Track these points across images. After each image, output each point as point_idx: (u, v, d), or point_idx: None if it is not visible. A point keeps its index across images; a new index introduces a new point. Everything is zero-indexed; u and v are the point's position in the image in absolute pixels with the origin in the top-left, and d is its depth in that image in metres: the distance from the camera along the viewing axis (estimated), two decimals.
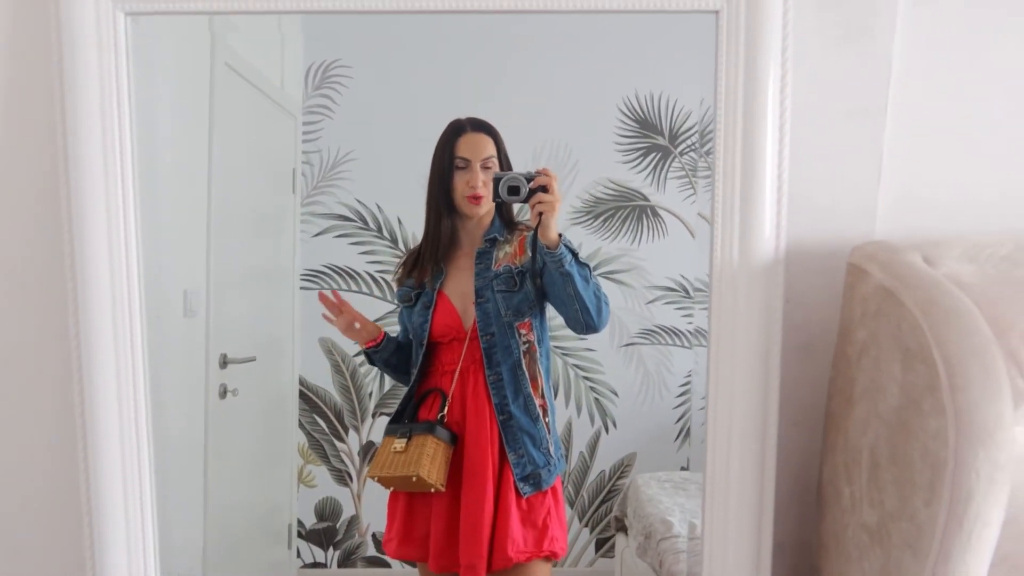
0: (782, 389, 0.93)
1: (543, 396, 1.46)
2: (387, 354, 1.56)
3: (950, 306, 0.72)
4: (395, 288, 1.59)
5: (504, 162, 1.53)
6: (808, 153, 0.90)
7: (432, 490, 1.37)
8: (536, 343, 1.46)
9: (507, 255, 1.46)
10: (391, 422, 1.50)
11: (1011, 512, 0.69)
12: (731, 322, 0.89)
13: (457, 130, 1.54)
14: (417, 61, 2.67)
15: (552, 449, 1.46)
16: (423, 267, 1.50)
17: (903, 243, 0.84)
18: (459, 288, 1.47)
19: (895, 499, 0.75)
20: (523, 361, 1.43)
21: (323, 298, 1.56)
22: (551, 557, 1.45)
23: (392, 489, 1.48)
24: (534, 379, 1.45)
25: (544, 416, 1.45)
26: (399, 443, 1.40)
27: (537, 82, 2.63)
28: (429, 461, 1.35)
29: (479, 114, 2.09)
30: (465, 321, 1.46)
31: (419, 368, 1.48)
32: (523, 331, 1.44)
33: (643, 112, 2.65)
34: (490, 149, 1.49)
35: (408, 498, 1.48)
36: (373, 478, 1.44)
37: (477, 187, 1.45)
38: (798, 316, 0.94)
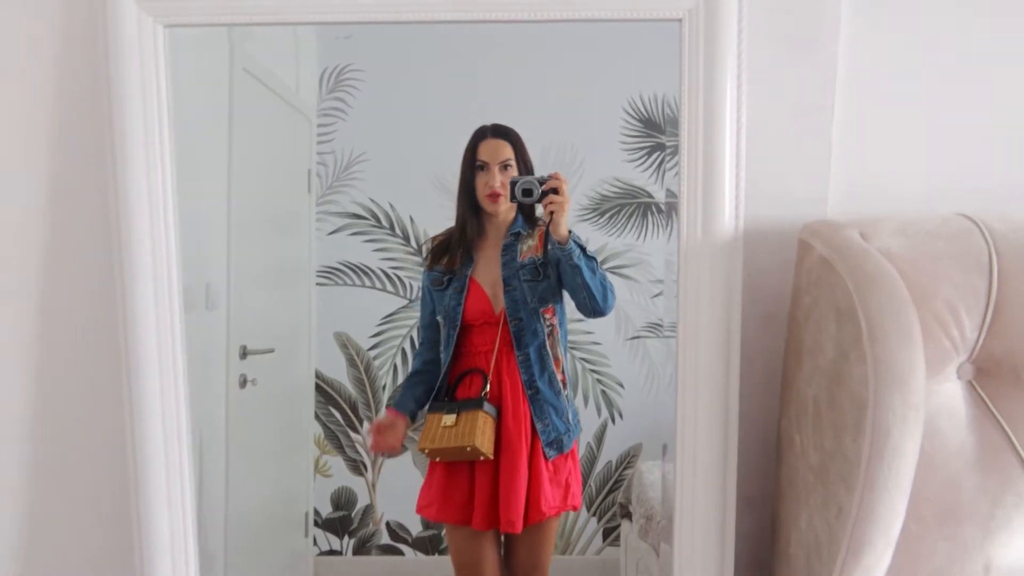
0: (745, 355, 1.07)
1: (563, 372, 1.71)
2: (427, 323, 1.83)
3: (873, 272, 0.85)
4: (425, 270, 1.75)
5: (523, 163, 1.75)
6: (763, 145, 1.03)
7: (481, 458, 1.59)
8: (558, 326, 1.70)
9: (530, 248, 1.68)
10: (433, 401, 1.71)
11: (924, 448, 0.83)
12: (696, 294, 1.03)
13: (479, 136, 1.79)
14: (427, 65, 2.81)
15: (571, 417, 1.70)
16: (453, 254, 1.70)
17: (845, 222, 0.98)
18: (488, 276, 1.69)
19: (832, 440, 0.89)
20: (547, 342, 1.66)
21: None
22: (573, 509, 1.74)
23: (438, 460, 1.68)
24: (556, 358, 1.68)
25: (564, 389, 1.70)
26: (448, 418, 1.61)
27: (544, 85, 2.76)
28: (480, 433, 1.56)
29: (487, 116, 2.25)
30: (495, 306, 1.67)
31: (453, 350, 1.68)
32: (547, 316, 1.67)
33: (647, 112, 2.76)
34: (507, 152, 1.74)
35: (446, 468, 1.68)
36: (423, 451, 1.65)
37: (494, 186, 1.68)
38: (758, 290, 1.08)
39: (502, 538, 1.75)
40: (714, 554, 1.09)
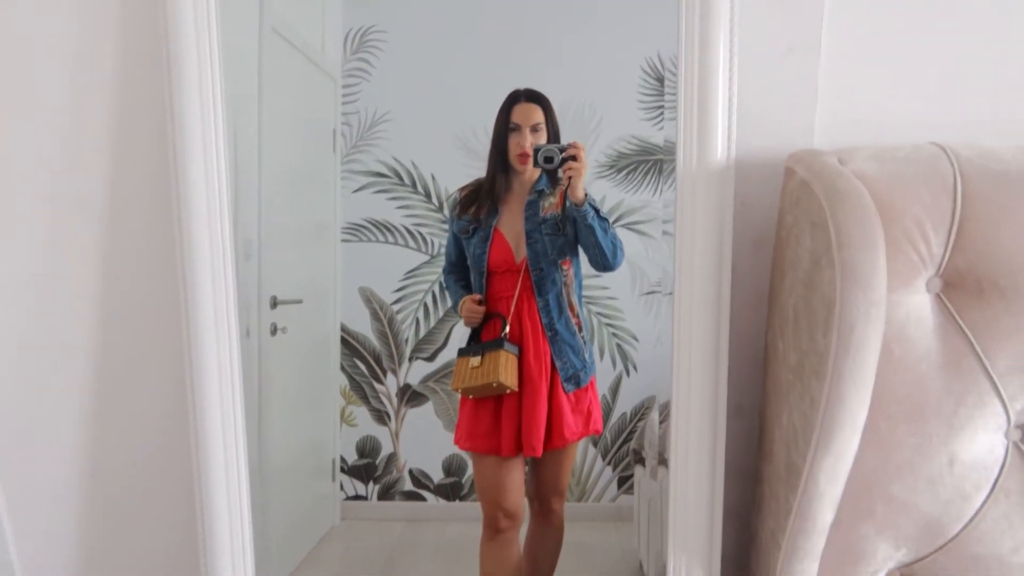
0: (736, 277, 1.18)
1: (578, 316, 1.86)
2: (452, 261, 1.97)
3: (843, 188, 0.96)
4: (455, 219, 1.92)
5: (553, 127, 1.90)
6: (754, 82, 1.14)
7: (507, 391, 1.76)
8: (573, 276, 1.85)
9: (552, 204, 1.82)
10: (463, 348, 1.87)
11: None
12: (691, 219, 1.15)
13: (513, 99, 1.91)
14: (448, 26, 2.91)
15: (587, 356, 1.87)
16: (481, 205, 1.85)
17: (827, 150, 1.09)
18: (512, 228, 1.84)
19: (806, 339, 1.01)
20: (564, 290, 1.82)
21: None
22: (595, 434, 1.94)
23: (471, 397, 1.85)
24: (572, 304, 1.84)
25: (580, 331, 1.86)
26: (475, 360, 1.79)
27: (564, 45, 2.86)
28: (504, 369, 1.74)
29: (506, 74, 2.37)
30: (516, 255, 1.82)
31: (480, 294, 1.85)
32: (564, 267, 1.83)
33: (664, 71, 2.83)
34: (538, 116, 1.87)
35: (474, 404, 1.85)
36: (456, 390, 1.83)
37: (525, 147, 1.82)
38: (750, 216, 1.19)
39: (526, 466, 1.92)
40: (706, 459, 1.22)
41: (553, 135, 1.88)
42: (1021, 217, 0.99)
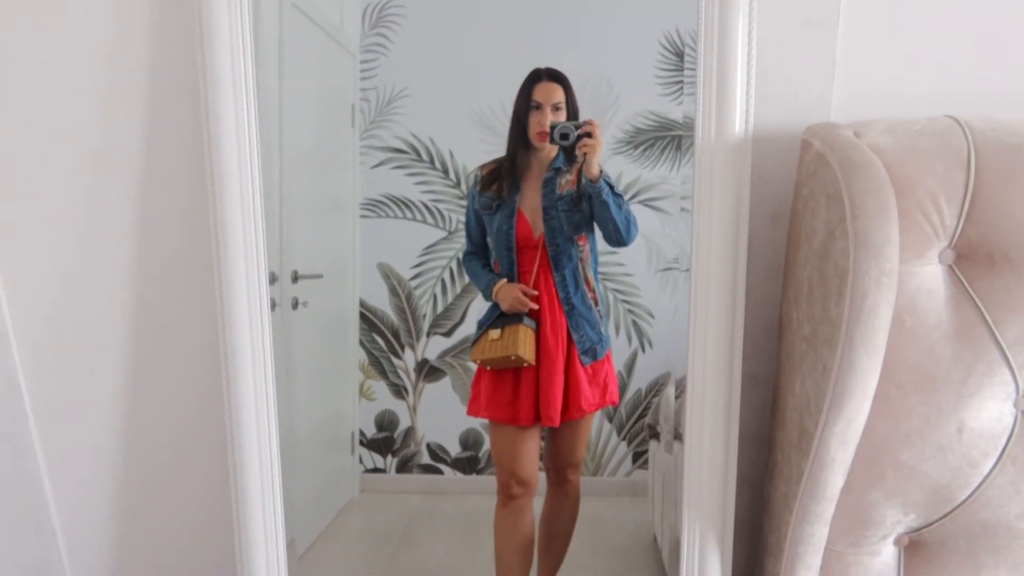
0: (753, 249, 1.22)
1: (594, 291, 1.94)
2: (476, 240, 2.06)
3: (858, 160, 0.99)
4: (476, 196, 2.01)
5: (572, 106, 1.97)
6: (772, 56, 1.17)
7: (525, 364, 1.84)
8: (589, 252, 1.93)
9: (568, 182, 1.89)
10: (483, 322, 1.97)
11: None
12: (709, 192, 1.18)
13: (534, 78, 1.99)
14: (465, 1, 2.93)
15: (603, 330, 1.95)
16: (502, 183, 1.93)
17: (843, 124, 1.12)
18: (530, 204, 1.91)
19: (820, 309, 1.05)
20: (580, 266, 1.90)
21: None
22: (612, 405, 2.06)
23: (489, 368, 1.93)
24: (587, 279, 1.93)
25: (596, 306, 1.93)
26: (495, 333, 1.88)
27: (582, 19, 2.87)
28: (523, 342, 1.83)
29: (524, 50, 2.39)
30: (535, 231, 1.89)
31: (513, 274, 1.92)
32: (580, 243, 1.90)
33: (682, 46, 2.84)
34: (559, 95, 1.95)
35: (492, 375, 1.92)
36: (475, 361, 1.92)
37: (545, 125, 1.88)
38: (767, 190, 1.23)
39: (542, 438, 2.00)
40: (720, 428, 1.26)
41: (573, 114, 1.93)
42: None
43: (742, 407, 1.25)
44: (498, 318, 1.91)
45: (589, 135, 1.76)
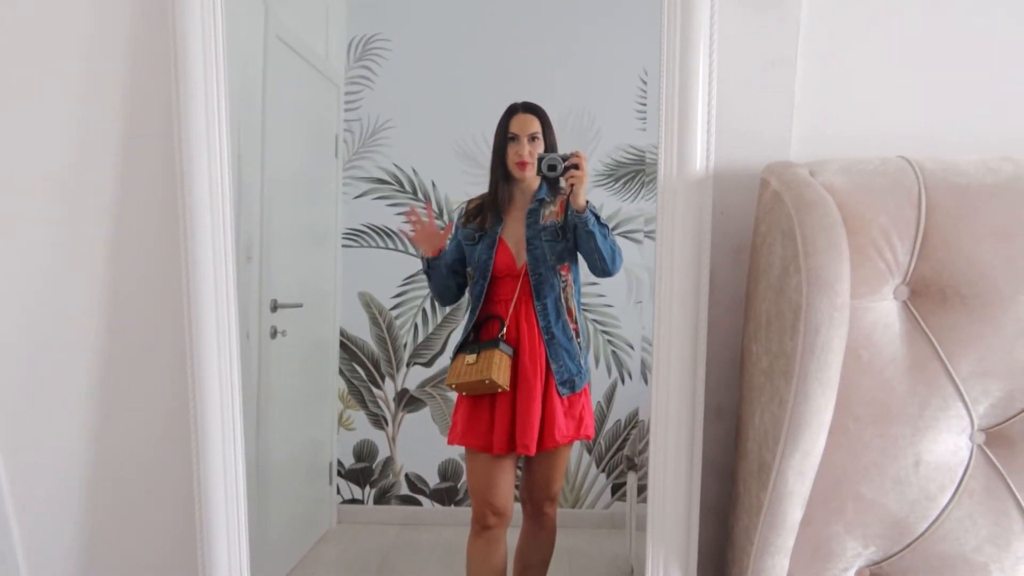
0: (715, 284, 1.25)
1: (576, 322, 1.93)
2: (447, 261, 1.99)
3: (811, 198, 1.02)
4: (460, 227, 2.00)
5: (549, 138, 1.99)
6: (732, 96, 1.21)
7: (499, 390, 1.84)
8: (572, 282, 1.93)
9: (552, 212, 1.91)
10: (459, 345, 1.95)
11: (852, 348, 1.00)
12: (671, 226, 1.21)
13: (511, 111, 2.01)
14: (450, 36, 2.99)
15: (582, 362, 1.95)
16: (485, 216, 1.95)
17: (800, 162, 1.16)
18: (513, 235, 1.93)
19: (777, 343, 1.07)
20: (562, 295, 1.90)
21: (412, 212, 2.02)
22: (586, 439, 2.01)
23: (464, 394, 1.92)
24: (570, 309, 1.92)
25: (576, 337, 1.93)
26: (470, 357, 1.88)
27: (564, 55, 2.94)
28: (497, 367, 1.82)
29: (507, 84, 2.44)
30: (518, 261, 1.91)
31: (481, 299, 1.92)
32: (563, 272, 1.91)
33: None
34: (535, 126, 1.97)
35: (471, 401, 1.92)
36: (450, 386, 1.90)
37: (523, 155, 1.93)
38: (730, 225, 1.26)
39: (518, 467, 2.00)
40: (684, 458, 1.28)
41: (550, 146, 1.96)
42: (980, 228, 1.05)
43: (706, 438, 1.27)
44: (476, 343, 1.92)
45: (576, 167, 1.79)
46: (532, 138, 1.93)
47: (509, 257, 1.92)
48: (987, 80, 1.24)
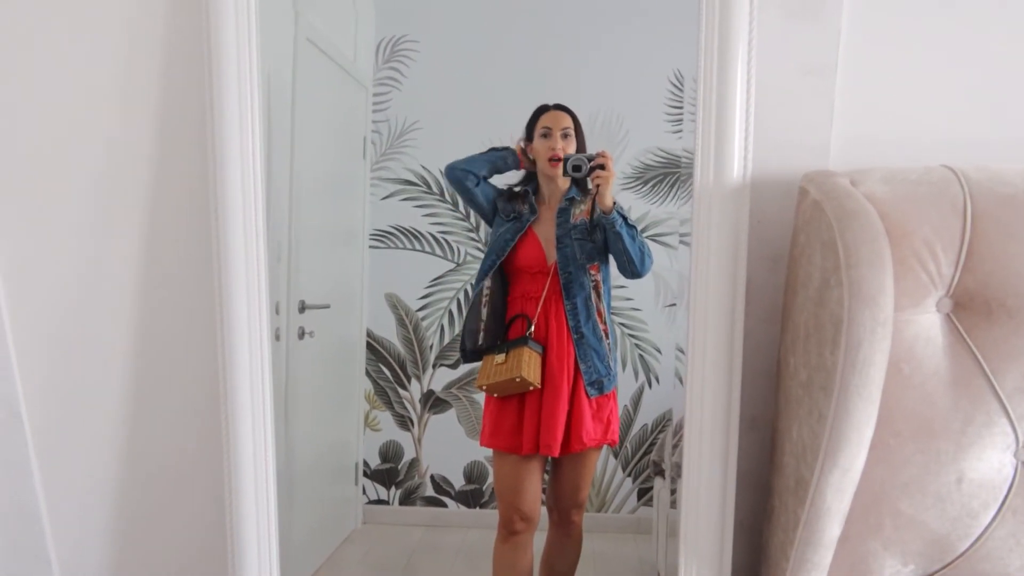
0: (751, 293, 1.23)
1: (605, 323, 1.91)
2: (486, 180, 2.00)
3: (852, 208, 1.00)
4: (502, 200, 1.99)
5: (580, 137, 1.97)
6: (771, 103, 1.19)
7: (530, 387, 1.82)
8: (601, 282, 1.91)
9: (582, 212, 1.89)
10: (488, 347, 1.92)
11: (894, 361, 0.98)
12: (707, 235, 1.19)
13: (542, 109, 2.01)
14: (478, 37, 2.99)
15: (611, 363, 1.92)
16: (524, 201, 1.94)
17: (840, 171, 1.13)
18: (544, 232, 1.92)
19: (816, 356, 1.05)
20: (592, 295, 1.88)
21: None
22: (611, 444, 1.97)
23: (495, 395, 1.90)
24: (599, 310, 1.90)
25: (606, 338, 1.90)
26: (499, 357, 1.86)
27: (592, 56, 2.92)
28: (527, 365, 1.81)
29: (535, 86, 2.43)
30: (548, 258, 1.89)
31: (508, 295, 1.93)
32: (592, 272, 1.89)
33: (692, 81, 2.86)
34: (567, 122, 1.95)
35: (499, 403, 1.90)
36: (481, 387, 1.88)
37: (557, 150, 1.90)
38: (766, 233, 1.23)
39: (546, 471, 1.98)
40: (718, 470, 1.26)
41: (581, 146, 1.95)
42: None
43: (740, 450, 1.25)
44: (504, 342, 1.89)
45: (602, 167, 1.77)
46: (564, 135, 1.91)
47: (539, 252, 1.90)
48: None
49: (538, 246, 1.91)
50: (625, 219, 1.83)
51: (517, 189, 2.01)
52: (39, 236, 1.42)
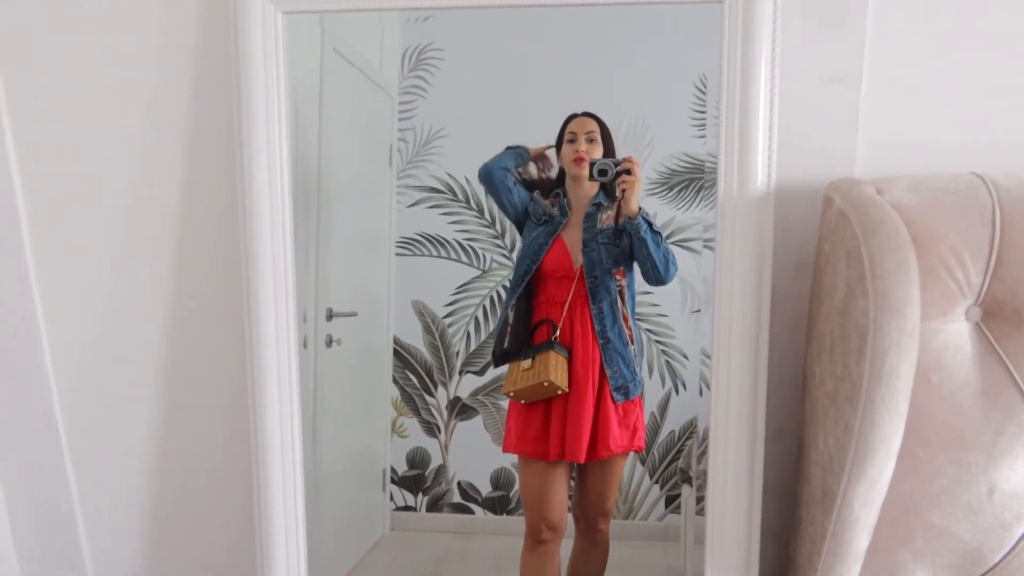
0: (776, 301, 1.22)
1: (631, 328, 1.95)
2: (515, 187, 2.05)
3: (877, 217, 1.00)
4: (534, 199, 2.04)
5: (608, 140, 2.04)
6: (795, 111, 1.19)
7: (559, 392, 1.84)
8: (626, 287, 1.94)
9: (608, 216, 1.92)
10: (513, 353, 1.95)
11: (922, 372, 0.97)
12: (731, 243, 1.19)
13: (571, 116, 2.09)
14: (503, 45, 2.99)
15: (637, 369, 1.95)
16: (552, 203, 1.99)
17: (866, 179, 1.13)
18: (572, 237, 1.94)
19: (841, 367, 1.04)
20: (617, 300, 1.90)
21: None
22: (637, 451, 2.03)
23: (522, 402, 1.92)
24: (624, 315, 1.92)
25: (631, 343, 1.94)
26: (526, 362, 1.89)
27: (618, 63, 2.91)
28: (554, 369, 1.83)
29: (560, 93, 2.43)
30: (574, 263, 1.92)
31: (533, 300, 1.96)
32: (618, 277, 1.91)
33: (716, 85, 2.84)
34: (592, 126, 2.03)
35: (524, 409, 1.93)
36: (508, 394, 1.92)
37: (581, 151, 1.96)
38: (790, 242, 1.23)
39: (572, 479, 2.00)
40: (744, 479, 1.25)
41: (609, 151, 1.97)
42: None
43: (767, 459, 1.24)
44: (529, 348, 1.91)
45: (628, 171, 1.79)
46: (590, 139, 1.96)
47: (565, 257, 1.92)
48: None
49: (565, 251, 1.93)
50: (651, 225, 1.84)
51: (548, 193, 2.03)
52: (73, 249, 1.46)
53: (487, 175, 2.01)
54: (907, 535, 1.11)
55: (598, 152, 1.93)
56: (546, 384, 1.81)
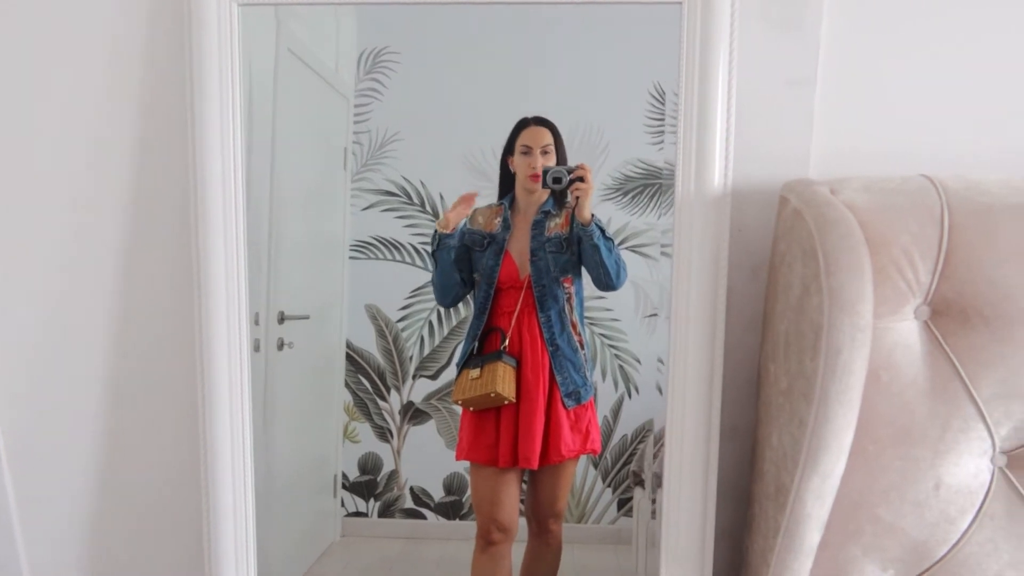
0: (732, 302, 1.23)
1: (580, 334, 1.96)
2: (453, 243, 2.02)
3: (832, 216, 1.01)
4: (466, 231, 2.03)
5: (560, 150, 2.03)
6: (752, 114, 1.20)
7: (505, 402, 1.85)
8: (574, 295, 1.95)
9: (557, 225, 1.93)
10: (465, 360, 1.97)
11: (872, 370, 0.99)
12: (688, 244, 1.20)
13: (522, 124, 2.08)
14: (459, 49, 2.98)
15: (587, 374, 1.96)
16: (492, 219, 1.99)
17: (820, 180, 1.14)
18: (518, 246, 1.95)
19: (796, 363, 1.05)
20: (566, 307, 1.91)
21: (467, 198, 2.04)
22: (592, 453, 2.05)
23: (472, 409, 1.94)
24: (573, 322, 1.94)
25: (581, 348, 1.95)
26: (474, 372, 1.90)
27: (573, 69, 2.92)
28: (501, 379, 1.84)
29: (516, 97, 2.43)
30: (521, 272, 1.92)
31: (486, 311, 1.94)
32: (566, 284, 1.92)
33: (672, 94, 2.87)
34: (548, 138, 2.01)
35: (475, 417, 1.94)
36: (456, 402, 1.94)
37: (537, 167, 1.95)
38: (748, 243, 1.25)
39: (524, 481, 2.02)
40: (699, 478, 1.26)
41: (562, 159, 1.96)
42: (1004, 248, 1.04)
43: (721, 458, 1.25)
44: (478, 357, 1.91)
45: (582, 179, 1.79)
46: (544, 151, 1.94)
47: (513, 268, 1.93)
48: (1010, 98, 1.24)
49: (512, 263, 1.94)
50: (603, 231, 1.85)
51: (491, 205, 2.01)
52: (17, 244, 1.40)
53: (452, 303, 2.01)
54: (857, 530, 1.13)
55: (552, 164, 1.92)
56: (493, 395, 1.83)
